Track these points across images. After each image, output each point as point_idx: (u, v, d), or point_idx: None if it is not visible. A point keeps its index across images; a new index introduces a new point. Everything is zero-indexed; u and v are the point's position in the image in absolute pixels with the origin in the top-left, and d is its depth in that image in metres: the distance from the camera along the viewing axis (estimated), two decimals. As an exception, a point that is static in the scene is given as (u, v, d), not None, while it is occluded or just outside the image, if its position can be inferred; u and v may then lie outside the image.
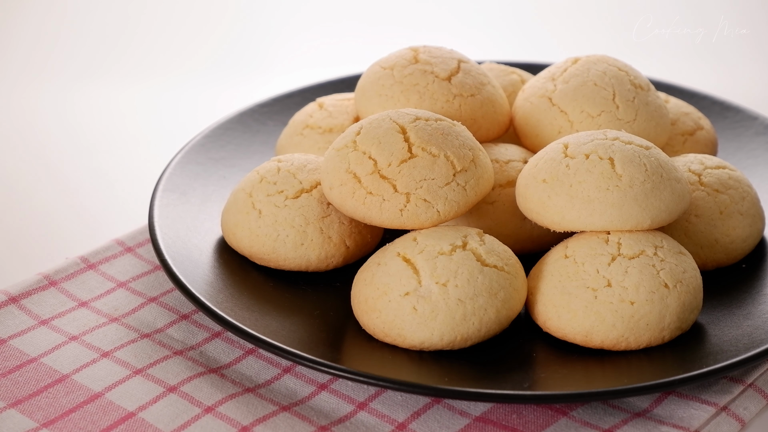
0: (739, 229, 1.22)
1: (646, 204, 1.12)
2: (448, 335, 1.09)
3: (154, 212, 1.26)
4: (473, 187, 1.17)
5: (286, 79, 1.74)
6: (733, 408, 1.07)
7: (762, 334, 1.11)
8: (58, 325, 1.18)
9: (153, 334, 1.17)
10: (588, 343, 1.10)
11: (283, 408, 1.08)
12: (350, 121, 1.35)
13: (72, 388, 1.10)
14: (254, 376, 1.12)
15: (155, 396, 1.09)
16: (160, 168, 1.39)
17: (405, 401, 1.08)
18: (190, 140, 1.40)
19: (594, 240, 1.13)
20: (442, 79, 1.28)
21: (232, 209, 1.24)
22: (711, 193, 1.23)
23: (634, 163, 1.13)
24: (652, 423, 1.05)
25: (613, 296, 1.10)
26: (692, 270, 1.13)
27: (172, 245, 1.22)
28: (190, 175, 1.35)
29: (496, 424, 1.06)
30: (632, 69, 1.31)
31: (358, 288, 1.14)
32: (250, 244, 1.22)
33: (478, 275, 1.10)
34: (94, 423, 1.06)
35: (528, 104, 1.29)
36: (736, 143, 1.43)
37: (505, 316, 1.11)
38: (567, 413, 1.07)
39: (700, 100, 1.49)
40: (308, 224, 1.21)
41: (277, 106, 1.50)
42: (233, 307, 1.14)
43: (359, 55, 1.72)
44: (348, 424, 1.06)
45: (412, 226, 1.16)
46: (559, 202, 1.14)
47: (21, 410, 1.07)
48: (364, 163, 1.16)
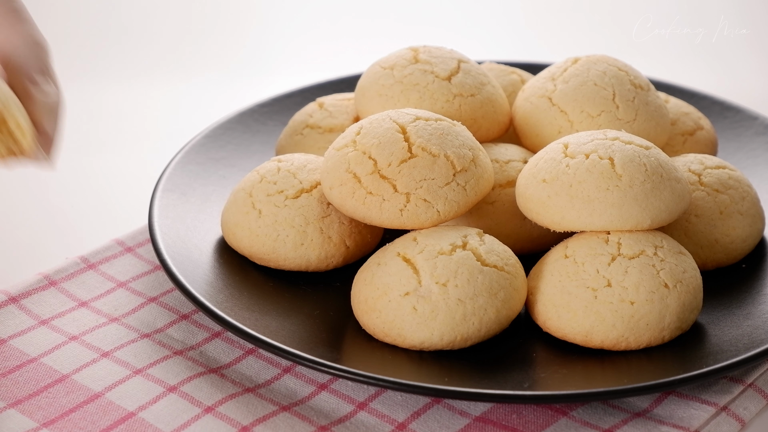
0: (739, 229, 1.22)
1: (646, 204, 1.12)
2: (448, 335, 1.09)
3: (154, 212, 1.26)
4: (473, 187, 1.17)
5: (286, 79, 1.74)
6: (733, 408, 1.07)
7: (762, 334, 1.11)
8: (58, 325, 1.18)
9: (153, 334, 1.17)
10: (588, 343, 1.10)
11: (283, 408, 1.07)
12: (350, 121, 1.35)
13: (72, 388, 1.10)
14: (254, 376, 1.12)
15: (155, 396, 1.08)
16: (160, 168, 1.39)
17: (405, 401, 1.08)
18: (190, 140, 1.40)
19: (594, 240, 1.13)
20: (442, 79, 1.28)
21: (232, 209, 1.24)
22: (711, 193, 1.23)
23: (634, 163, 1.13)
24: (652, 423, 1.05)
25: (613, 296, 1.10)
26: (692, 270, 1.13)
27: (172, 245, 1.22)
28: (190, 175, 1.35)
29: (496, 424, 1.06)
30: (632, 69, 1.30)
31: (358, 288, 1.14)
32: (250, 244, 1.22)
33: (478, 275, 1.10)
34: (94, 423, 1.06)
35: (528, 104, 1.29)
36: (736, 143, 1.43)
37: (505, 316, 1.11)
38: (567, 413, 1.07)
39: (700, 100, 1.49)
40: (308, 224, 1.21)
41: (277, 106, 1.50)
42: (233, 307, 1.14)
43: (359, 55, 1.72)
44: (348, 424, 1.06)
45: (412, 226, 1.16)
46: (559, 202, 1.14)
47: (21, 410, 1.07)
48: (364, 163, 1.16)
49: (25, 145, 1.04)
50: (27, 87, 1.06)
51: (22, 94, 1.06)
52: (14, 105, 1.03)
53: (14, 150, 1.04)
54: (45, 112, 1.07)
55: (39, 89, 1.07)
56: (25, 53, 1.07)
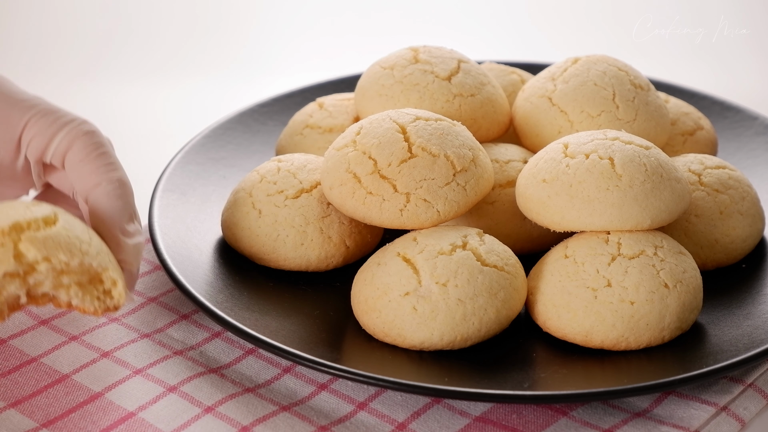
0: (739, 229, 1.22)
1: (646, 204, 1.12)
2: (448, 335, 1.09)
3: (154, 212, 1.26)
4: (473, 187, 1.17)
5: (286, 79, 1.74)
6: (733, 408, 1.07)
7: (762, 334, 1.11)
8: (58, 325, 1.18)
9: (153, 334, 1.17)
10: (588, 343, 1.10)
11: (283, 408, 1.08)
12: (350, 121, 1.35)
13: (72, 388, 1.10)
14: (254, 376, 1.12)
15: (155, 396, 1.09)
16: (160, 168, 1.39)
17: (405, 401, 1.08)
18: (190, 140, 1.40)
19: (594, 240, 1.13)
20: (442, 79, 1.28)
21: (232, 209, 1.24)
22: (711, 193, 1.23)
23: (634, 163, 1.13)
24: (652, 423, 1.05)
25: (613, 296, 1.10)
26: (692, 270, 1.13)
27: (172, 245, 1.22)
28: (190, 175, 1.35)
29: (496, 424, 1.06)
30: (632, 69, 1.31)
31: (358, 288, 1.14)
32: (250, 244, 1.22)
33: (478, 275, 1.10)
34: (94, 423, 1.06)
35: (528, 104, 1.29)
36: (736, 143, 1.43)
37: (505, 316, 1.11)
38: (567, 413, 1.07)
39: (700, 100, 1.49)
40: (308, 224, 1.21)
41: (277, 106, 1.50)
42: (233, 307, 1.14)
43: (359, 55, 1.72)
44: (348, 424, 1.06)
45: (412, 226, 1.16)
46: (559, 202, 1.14)
47: (21, 410, 1.07)
48: (364, 163, 1.16)
49: (119, 302, 1.06)
50: (118, 237, 1.09)
51: (113, 243, 1.09)
52: (111, 264, 1.05)
53: (109, 306, 1.06)
54: (133, 255, 1.10)
55: (129, 235, 1.09)
56: (114, 203, 1.10)
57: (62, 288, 1.04)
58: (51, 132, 1.11)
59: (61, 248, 1.02)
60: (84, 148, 1.11)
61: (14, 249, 1.01)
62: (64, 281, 1.03)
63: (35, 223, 1.02)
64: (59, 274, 1.03)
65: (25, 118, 1.12)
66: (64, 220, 1.04)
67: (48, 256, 1.01)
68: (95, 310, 1.05)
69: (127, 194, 1.11)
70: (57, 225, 1.03)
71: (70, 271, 1.03)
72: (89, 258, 1.03)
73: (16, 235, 1.01)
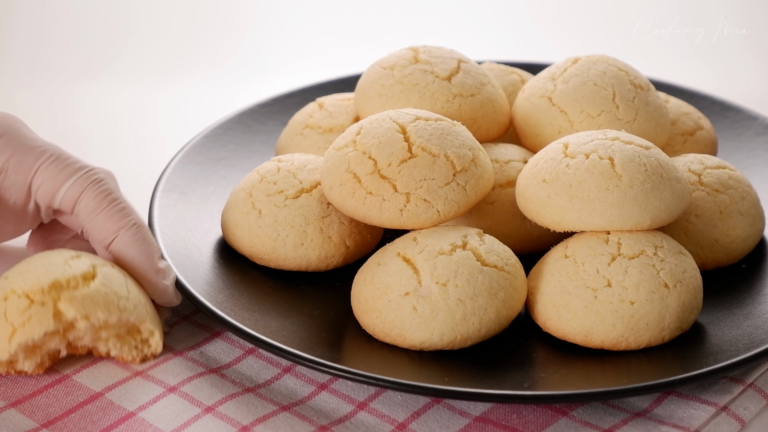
0: (739, 229, 1.22)
1: (646, 204, 1.12)
2: (448, 335, 1.09)
3: (154, 212, 1.26)
4: (473, 187, 1.17)
5: (286, 79, 1.74)
6: (733, 408, 1.07)
7: (762, 334, 1.11)
8: (58, 325, 1.18)
9: (153, 334, 1.17)
10: (588, 343, 1.10)
11: (283, 408, 1.07)
12: (350, 121, 1.35)
13: (72, 388, 1.10)
14: (254, 376, 1.12)
15: (155, 396, 1.08)
16: (160, 168, 1.39)
17: (405, 401, 1.08)
18: (190, 140, 1.40)
19: (594, 240, 1.13)
20: (442, 79, 1.28)
21: (232, 209, 1.24)
22: (711, 193, 1.23)
23: (634, 163, 1.13)
24: (652, 423, 1.05)
25: (613, 296, 1.10)
26: (692, 270, 1.13)
27: (172, 245, 1.22)
28: (190, 175, 1.35)
29: (496, 424, 1.06)
30: (632, 69, 1.31)
31: (358, 288, 1.14)
32: (250, 244, 1.22)
33: (478, 275, 1.10)
34: (94, 423, 1.06)
35: (528, 104, 1.29)
36: (736, 143, 1.43)
37: (505, 316, 1.11)
38: (567, 413, 1.07)
39: (700, 100, 1.49)
40: (308, 224, 1.21)
41: (277, 106, 1.50)
42: (233, 307, 1.14)
43: (359, 55, 1.72)
44: (348, 424, 1.06)
45: (412, 226, 1.16)
46: (559, 202, 1.14)
47: (21, 410, 1.07)
48: (364, 163, 1.16)
49: (157, 350, 1.11)
50: (153, 280, 1.13)
51: (149, 287, 1.14)
52: (148, 316, 1.10)
53: (146, 355, 1.11)
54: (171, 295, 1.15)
55: (161, 275, 1.14)
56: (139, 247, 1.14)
57: (101, 341, 1.09)
58: (60, 179, 1.14)
59: (99, 306, 1.06)
60: (94, 199, 1.14)
61: (54, 308, 1.05)
62: (103, 336, 1.09)
63: (74, 280, 1.07)
64: (98, 330, 1.08)
65: (36, 164, 1.14)
66: (102, 274, 1.09)
67: (87, 315, 1.06)
68: (133, 359, 1.11)
69: (147, 235, 1.15)
70: (95, 281, 1.08)
71: (108, 327, 1.08)
72: (127, 314, 1.07)
73: (56, 294, 1.06)
